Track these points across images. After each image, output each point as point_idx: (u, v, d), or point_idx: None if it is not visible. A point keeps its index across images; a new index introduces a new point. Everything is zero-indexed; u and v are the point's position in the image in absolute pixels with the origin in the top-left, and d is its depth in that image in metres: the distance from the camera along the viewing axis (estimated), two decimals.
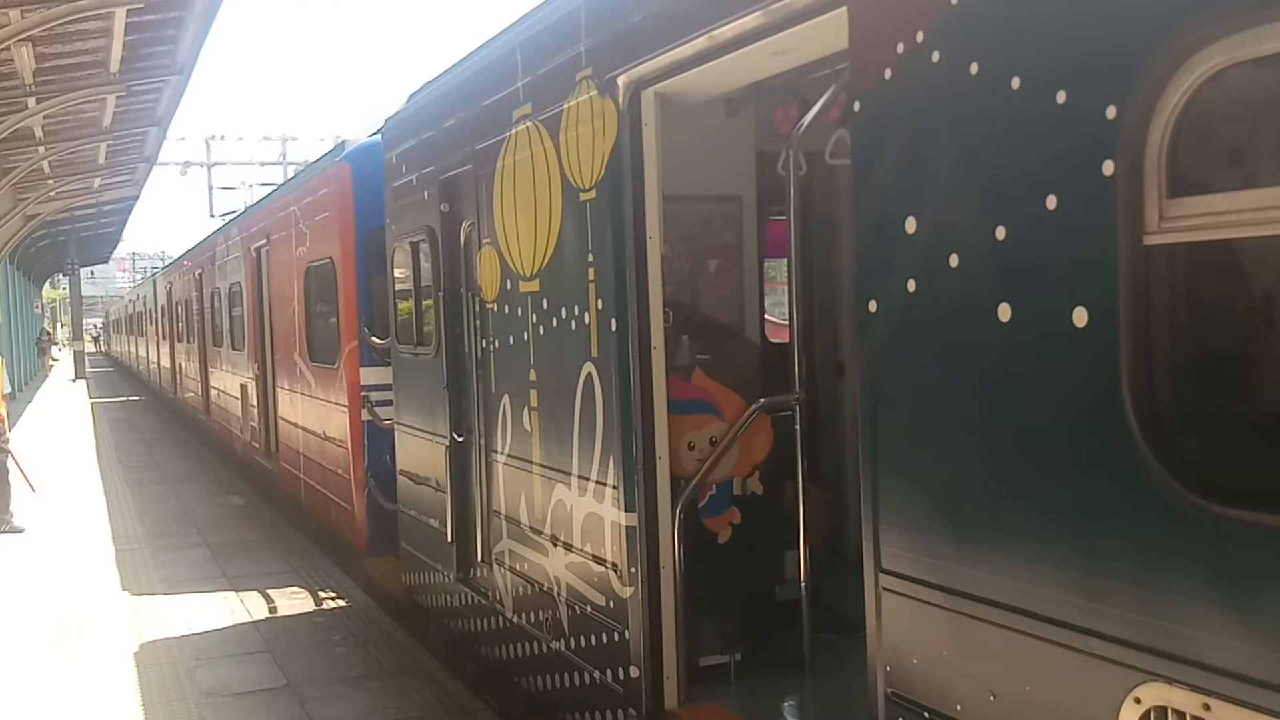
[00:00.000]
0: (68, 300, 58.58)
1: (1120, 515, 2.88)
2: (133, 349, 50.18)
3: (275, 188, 19.01)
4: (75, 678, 8.37)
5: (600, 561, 5.65)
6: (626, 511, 5.38)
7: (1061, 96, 2.97)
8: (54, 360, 46.97)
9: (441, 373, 7.78)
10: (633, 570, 5.35)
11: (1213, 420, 2.99)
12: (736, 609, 5.86)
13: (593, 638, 5.82)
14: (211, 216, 51.35)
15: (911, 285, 3.54)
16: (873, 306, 3.74)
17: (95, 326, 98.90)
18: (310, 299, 12.87)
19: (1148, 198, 2.78)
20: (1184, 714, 2.74)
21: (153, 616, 10.02)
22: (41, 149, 23.78)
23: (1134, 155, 2.79)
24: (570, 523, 5.97)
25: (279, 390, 14.91)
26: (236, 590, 10.94)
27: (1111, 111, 2.82)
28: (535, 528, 6.44)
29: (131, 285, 74.79)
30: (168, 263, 40.23)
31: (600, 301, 5.52)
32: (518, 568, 6.78)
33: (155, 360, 35.98)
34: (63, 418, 25.57)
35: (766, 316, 7.84)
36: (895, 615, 3.72)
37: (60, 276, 62.13)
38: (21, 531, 13.91)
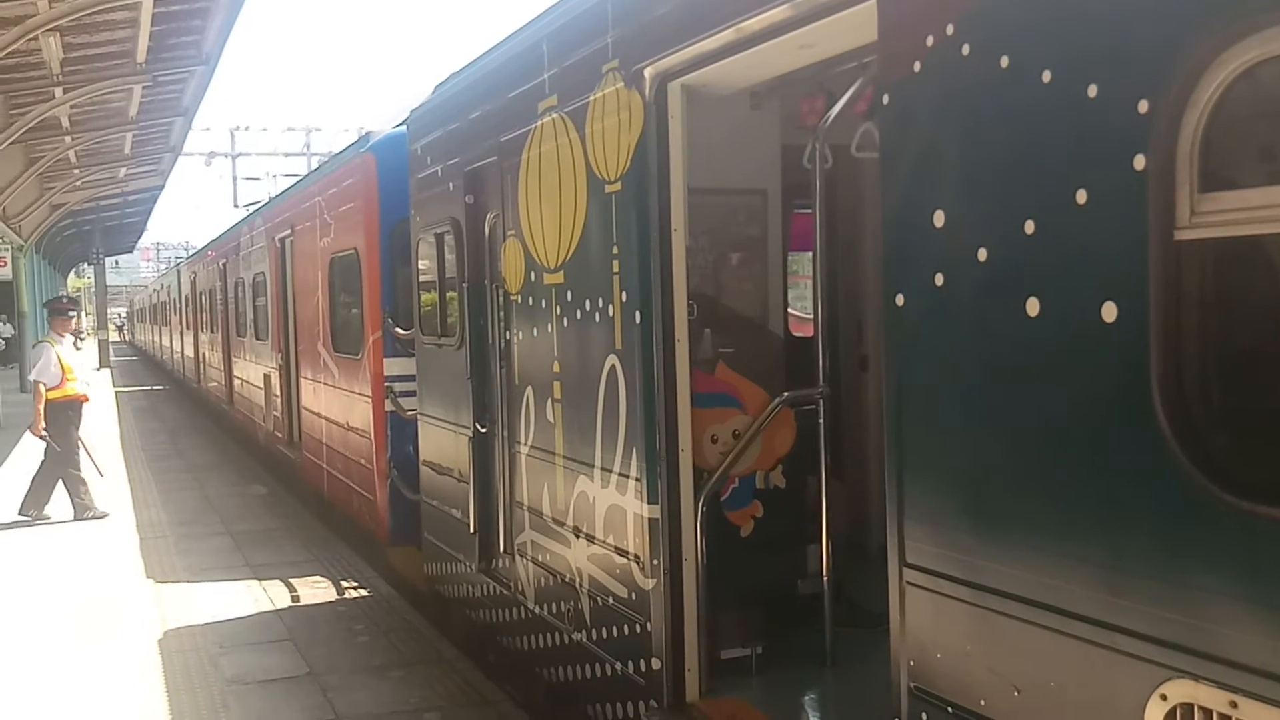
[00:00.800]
0: (92, 289, 58.94)
1: (1148, 511, 2.87)
2: (156, 338, 50.47)
3: (300, 178, 19.08)
4: (100, 664, 8.43)
5: (622, 553, 5.66)
6: (649, 504, 5.38)
7: (1093, 90, 2.95)
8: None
9: (465, 364, 7.80)
10: (655, 562, 5.36)
11: (1243, 417, 2.97)
12: (758, 602, 5.86)
13: (614, 629, 5.83)
14: (235, 207, 51.68)
15: (939, 279, 3.53)
16: (900, 300, 3.72)
17: (119, 316, 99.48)
18: (334, 290, 12.91)
19: (1179, 192, 2.76)
20: (1210, 711, 2.73)
21: (176, 604, 10.09)
22: (68, 138, 23.96)
23: (1166, 150, 2.77)
24: (593, 514, 5.98)
25: (302, 380, 14.97)
26: (259, 579, 11.01)
27: (1144, 106, 2.80)
28: (557, 519, 6.45)
29: (156, 275, 75.23)
30: (192, 252, 40.45)
31: (624, 294, 5.52)
32: (540, 559, 6.80)
33: (179, 350, 36.18)
34: (87, 406, 25.75)
35: (790, 310, 7.83)
36: (919, 610, 3.71)
37: (85, 265, 62.54)
38: (106, 516, 14.02)
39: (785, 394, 5.79)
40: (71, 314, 14.67)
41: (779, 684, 5.73)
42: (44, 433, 13.73)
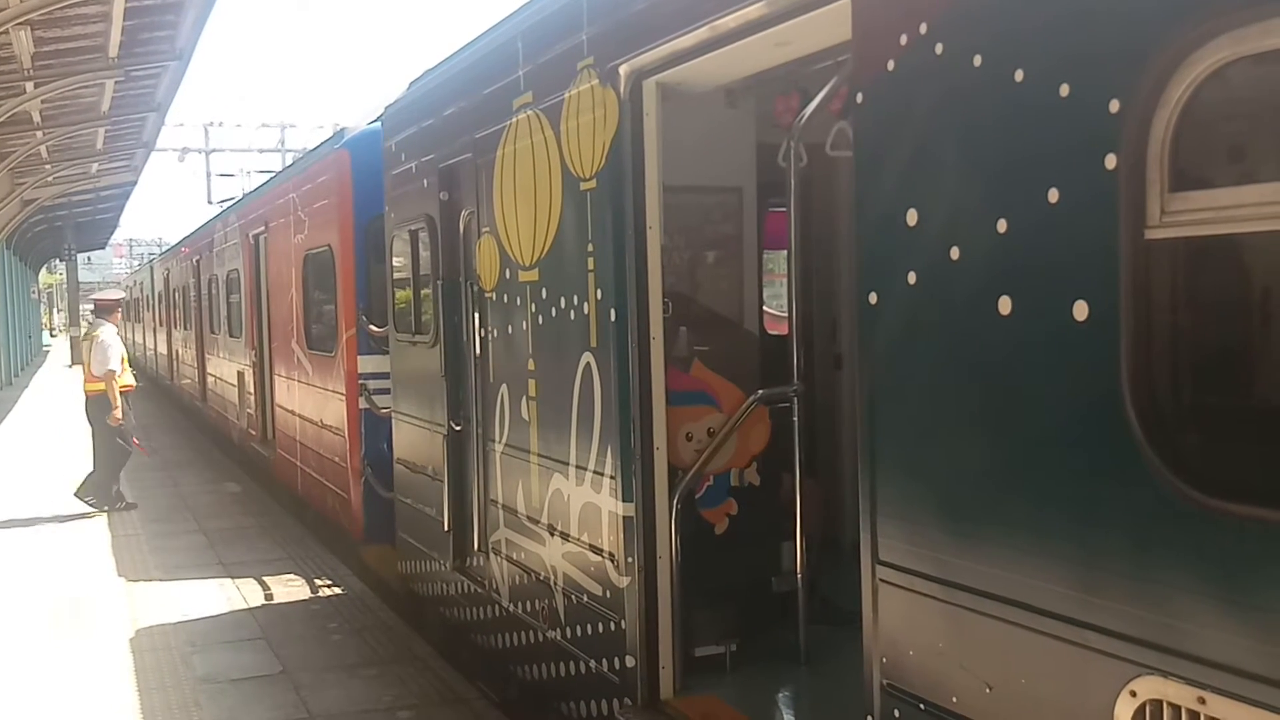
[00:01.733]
0: (64, 285, 58.53)
1: (1118, 509, 2.88)
2: (129, 335, 50.10)
3: (274, 174, 18.97)
4: (72, 663, 8.37)
5: (597, 551, 5.65)
6: (624, 501, 5.38)
7: (1065, 90, 2.96)
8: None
9: (439, 361, 7.78)
10: (629, 560, 5.36)
11: (1212, 415, 2.99)
12: (733, 600, 5.87)
13: (589, 627, 5.83)
14: (209, 203, 51.31)
15: (912, 277, 3.54)
16: (873, 298, 3.73)
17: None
18: (308, 286, 12.85)
19: (1150, 192, 2.78)
20: (1179, 708, 2.75)
21: (149, 602, 10.02)
22: (39, 133, 23.75)
23: (1136, 149, 2.78)
24: (567, 512, 5.97)
25: (276, 378, 14.90)
26: (233, 577, 10.94)
27: (1115, 105, 2.82)
28: (532, 517, 6.44)
29: (129, 271, 74.74)
30: (165, 249, 40.18)
31: (599, 292, 5.51)
32: (514, 557, 6.79)
33: (152, 346, 35.92)
34: (58, 403, 25.58)
35: (765, 308, 7.84)
36: (891, 607, 3.73)
37: (57, 262, 62.07)
38: (134, 507, 14.50)
39: (760, 392, 5.80)
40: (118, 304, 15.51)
41: (753, 681, 5.74)
42: (121, 419, 14.23)
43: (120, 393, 14.22)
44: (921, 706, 3.60)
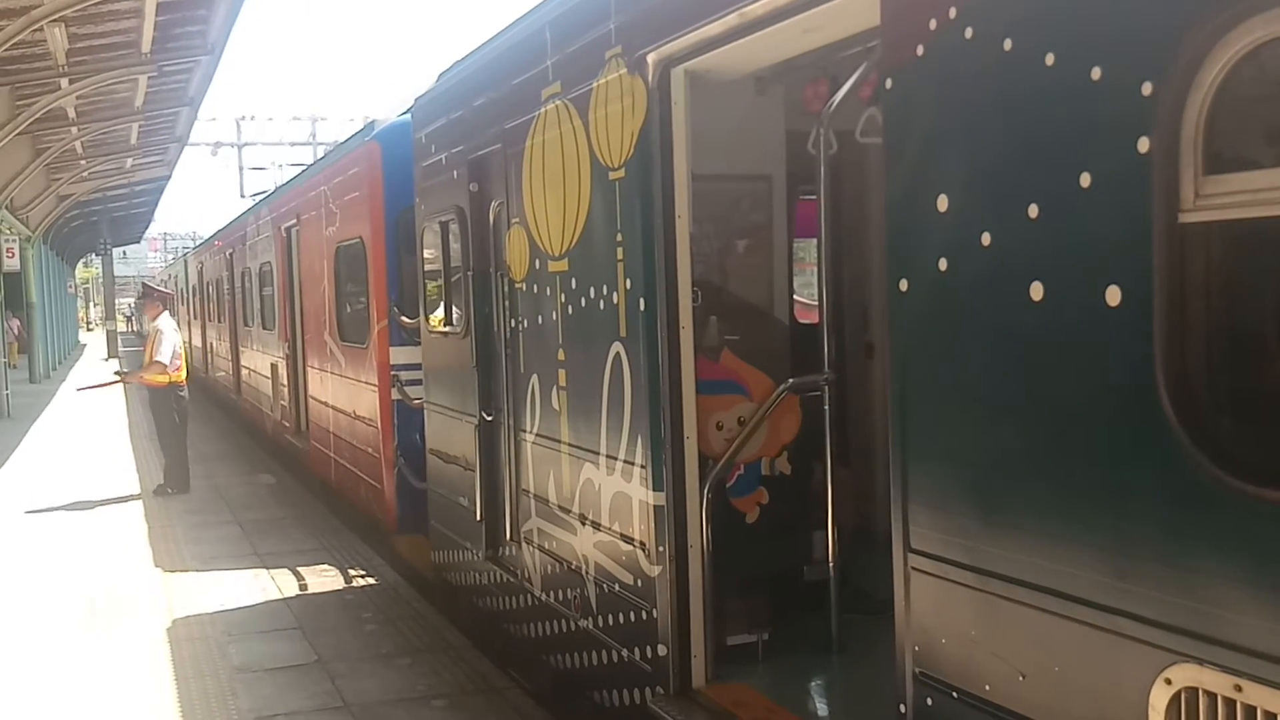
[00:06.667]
0: (100, 280, 59.11)
1: (1153, 495, 2.86)
2: None
3: (305, 167, 19.06)
4: (109, 654, 8.47)
5: (628, 540, 5.66)
6: (654, 491, 5.38)
7: (1096, 73, 2.94)
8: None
9: (471, 352, 7.80)
10: (660, 549, 5.36)
11: (1247, 400, 2.96)
12: (764, 588, 5.87)
13: (621, 616, 5.83)
14: (242, 196, 51.69)
15: (943, 264, 3.52)
16: (903, 285, 3.72)
17: (128, 306, 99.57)
18: (340, 279, 12.91)
19: (1184, 175, 2.75)
20: (1215, 695, 2.72)
21: (185, 593, 10.12)
22: (74, 129, 23.97)
23: (1170, 132, 2.75)
24: (598, 502, 5.98)
25: (309, 370, 14.98)
26: (267, 567, 11.03)
27: (1147, 88, 2.79)
28: (563, 506, 6.46)
29: (163, 265, 75.38)
30: (199, 242, 40.47)
31: (629, 281, 5.51)
32: (546, 546, 6.81)
33: (186, 339, 36.15)
34: (95, 397, 25.80)
35: (795, 297, 7.81)
36: (924, 595, 3.71)
37: (93, 256, 62.69)
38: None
39: (790, 380, 5.78)
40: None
41: (785, 670, 5.74)
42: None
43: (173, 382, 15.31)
44: (954, 695, 3.59)
